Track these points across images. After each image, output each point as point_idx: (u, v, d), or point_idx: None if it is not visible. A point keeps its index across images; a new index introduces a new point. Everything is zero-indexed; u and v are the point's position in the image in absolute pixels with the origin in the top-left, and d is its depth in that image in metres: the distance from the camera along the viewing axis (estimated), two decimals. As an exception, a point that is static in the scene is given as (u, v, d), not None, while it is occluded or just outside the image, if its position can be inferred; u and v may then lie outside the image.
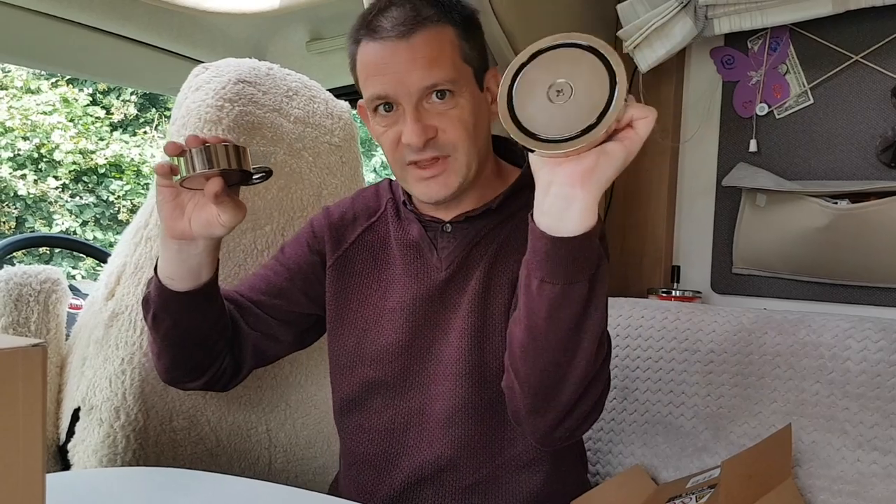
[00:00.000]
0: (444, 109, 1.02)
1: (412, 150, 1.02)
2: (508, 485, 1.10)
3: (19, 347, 0.55)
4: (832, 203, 1.53)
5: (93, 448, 1.27)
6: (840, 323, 1.38)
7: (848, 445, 1.29)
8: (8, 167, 10.20)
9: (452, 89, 1.02)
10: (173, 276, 1.06)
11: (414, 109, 1.01)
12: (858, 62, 1.57)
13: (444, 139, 1.02)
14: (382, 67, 1.01)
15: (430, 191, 1.05)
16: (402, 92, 1.00)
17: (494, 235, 1.12)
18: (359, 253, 1.19)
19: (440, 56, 1.01)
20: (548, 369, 0.87)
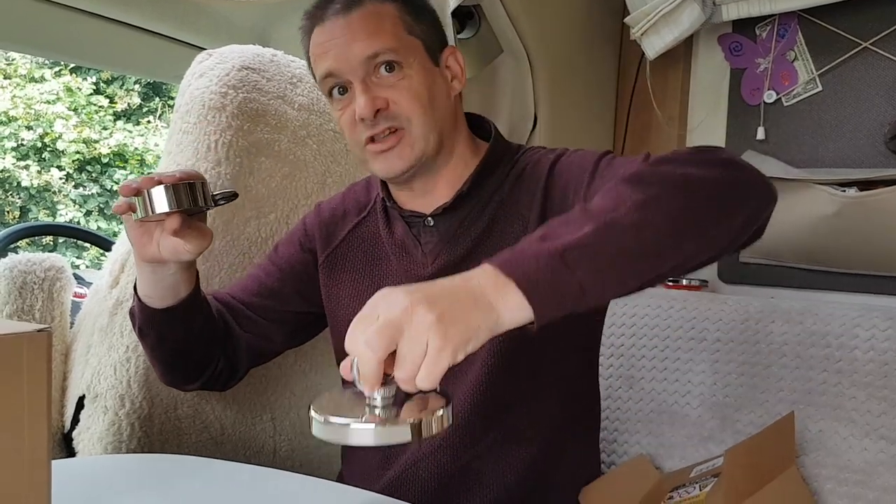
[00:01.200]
0: (394, 81, 1.02)
1: (366, 125, 1.02)
2: (506, 456, 1.09)
3: (24, 332, 0.55)
4: (840, 191, 1.52)
5: (98, 436, 1.27)
6: (848, 312, 1.37)
7: (855, 434, 1.29)
8: (12, 157, 10.21)
9: (398, 60, 1.02)
10: (151, 295, 1.07)
11: (361, 82, 1.01)
12: (867, 49, 1.55)
13: (395, 110, 1.02)
14: (326, 45, 1.03)
15: (387, 164, 1.05)
16: (346, 67, 1.02)
17: (474, 222, 1.10)
18: (350, 249, 1.19)
19: (379, 28, 1.02)
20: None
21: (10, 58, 10.17)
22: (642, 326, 1.53)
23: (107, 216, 10.82)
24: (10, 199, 10.58)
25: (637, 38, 1.66)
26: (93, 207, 10.73)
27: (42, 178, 10.44)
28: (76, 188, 10.73)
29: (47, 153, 10.45)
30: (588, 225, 0.74)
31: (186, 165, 1.30)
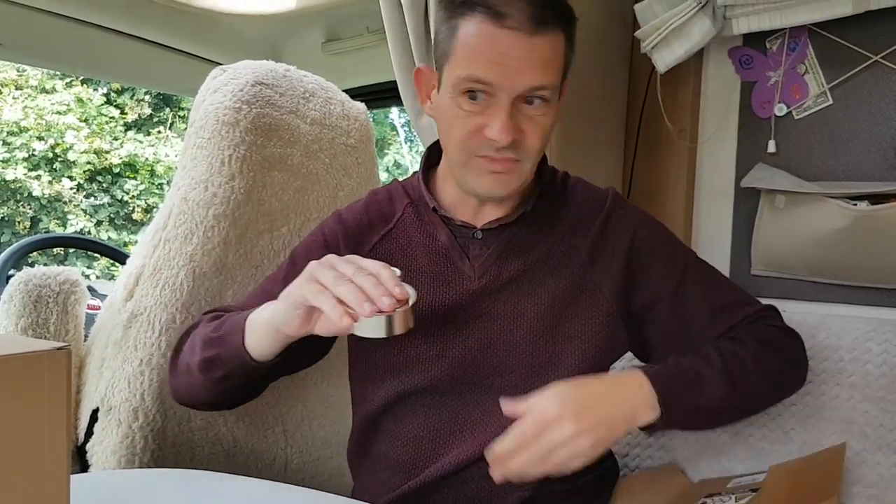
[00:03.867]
0: (534, 115, 0.99)
1: (492, 147, 0.99)
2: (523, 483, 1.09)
3: (44, 351, 0.55)
4: (852, 204, 1.52)
5: (111, 449, 1.27)
6: (860, 325, 1.37)
7: (868, 448, 1.28)
8: (23, 167, 10.28)
9: (549, 98, 0.99)
10: (266, 355, 1.01)
11: (511, 105, 0.97)
12: (878, 63, 1.55)
13: (524, 144, 1.00)
14: (497, 55, 0.95)
15: (495, 185, 1.03)
16: (506, 85, 0.96)
17: (529, 244, 1.11)
18: (377, 259, 1.17)
19: (554, 62, 0.98)
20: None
21: (22, 69, 10.26)
22: (654, 340, 1.53)
23: (117, 226, 10.87)
24: (22, 209, 10.64)
25: (648, 51, 1.66)
26: (103, 217, 10.78)
27: (53, 189, 10.51)
28: (87, 198, 10.80)
29: (58, 163, 10.53)
30: (724, 384, 1.05)
31: (200, 180, 1.31)
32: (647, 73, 1.80)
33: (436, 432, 1.11)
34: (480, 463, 1.08)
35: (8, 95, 10.24)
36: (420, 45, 1.58)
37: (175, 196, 1.34)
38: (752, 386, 1.08)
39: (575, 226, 1.13)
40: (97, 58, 2.39)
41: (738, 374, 1.05)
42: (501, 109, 0.97)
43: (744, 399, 1.08)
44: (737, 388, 1.04)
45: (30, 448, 0.55)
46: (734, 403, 1.07)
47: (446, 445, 1.10)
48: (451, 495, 1.10)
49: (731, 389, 1.04)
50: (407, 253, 1.14)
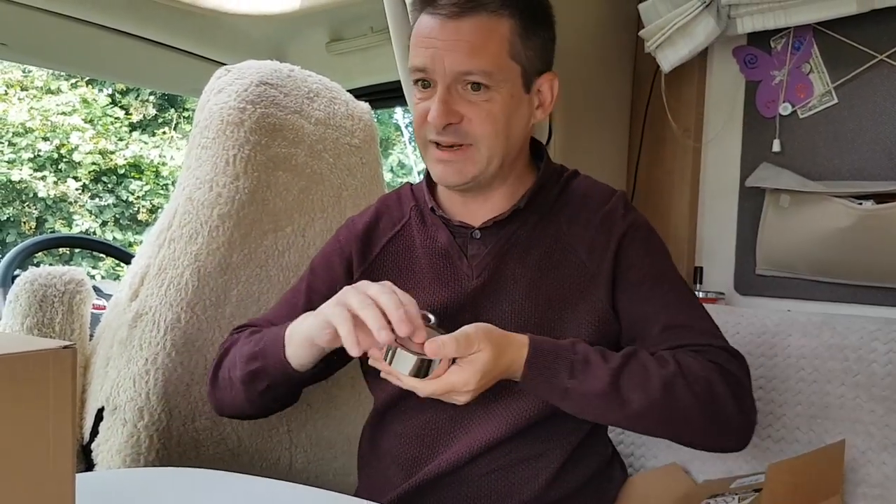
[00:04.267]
0: (476, 100, 1.02)
1: (433, 130, 1.03)
2: (525, 471, 1.09)
3: (50, 349, 0.56)
4: (857, 203, 1.51)
5: (116, 448, 1.28)
6: (865, 325, 1.36)
7: (873, 448, 1.28)
8: (28, 168, 10.30)
9: (488, 84, 1.01)
10: (305, 365, 1.04)
11: (445, 90, 1.01)
12: (883, 62, 1.55)
13: (467, 128, 1.02)
14: (426, 41, 1.01)
15: (444, 174, 1.06)
16: (437, 69, 1.00)
17: (527, 242, 1.11)
18: (384, 263, 1.18)
19: (484, 47, 1.00)
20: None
21: (27, 70, 10.28)
22: (658, 339, 1.52)
23: (122, 227, 10.89)
24: (27, 209, 10.66)
25: (652, 51, 1.66)
26: (108, 218, 10.79)
27: (58, 189, 10.52)
28: (92, 199, 10.81)
29: (63, 164, 10.54)
30: (607, 382, 0.97)
31: (205, 180, 1.31)
32: (651, 73, 1.80)
33: (437, 430, 1.11)
34: (482, 460, 1.08)
35: (13, 96, 10.27)
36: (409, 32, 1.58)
37: (180, 196, 1.34)
38: (640, 402, 0.97)
39: (574, 223, 1.12)
40: (102, 58, 2.40)
41: (631, 381, 0.98)
42: (437, 95, 1.01)
43: (624, 408, 0.97)
44: (619, 393, 0.97)
45: (35, 446, 0.55)
46: (612, 406, 0.97)
47: (447, 442, 1.11)
48: (452, 493, 1.10)
49: (613, 391, 0.97)
50: (410, 254, 1.16)
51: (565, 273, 1.09)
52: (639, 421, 1.00)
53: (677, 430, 1.03)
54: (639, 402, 0.97)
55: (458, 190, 1.10)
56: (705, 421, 1.01)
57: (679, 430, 1.03)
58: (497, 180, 1.10)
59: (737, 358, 1.07)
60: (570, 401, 0.97)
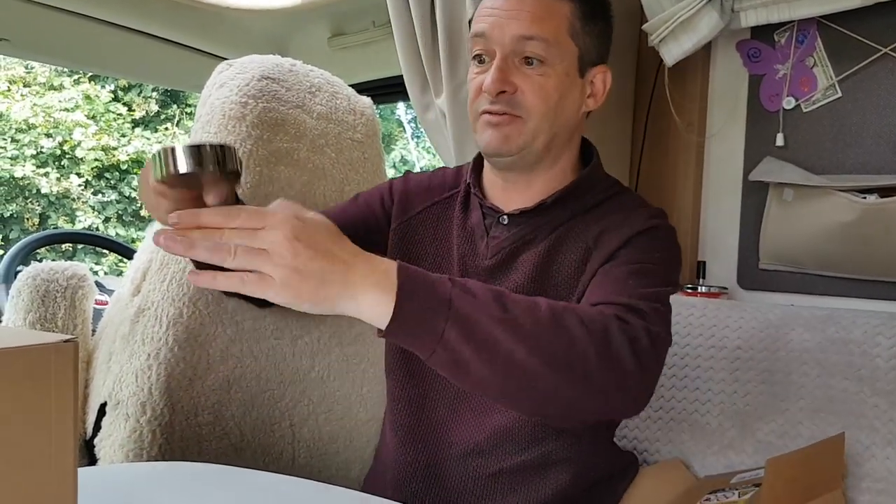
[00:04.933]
0: (532, 74, 1.04)
1: (486, 99, 1.05)
2: (534, 479, 1.09)
3: (51, 343, 0.56)
4: (861, 197, 1.51)
5: (119, 443, 1.28)
6: (869, 319, 1.36)
7: (877, 443, 1.28)
8: (31, 164, 10.31)
9: (543, 58, 1.03)
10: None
11: (502, 58, 1.03)
12: (887, 55, 1.54)
13: (520, 98, 1.04)
14: (488, 10, 1.05)
15: (492, 140, 1.06)
16: (496, 36, 1.03)
17: (547, 234, 1.11)
18: (421, 224, 1.21)
19: (545, 18, 1.03)
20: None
21: (30, 66, 10.29)
22: (661, 334, 1.52)
23: (125, 223, 10.90)
24: (30, 205, 10.68)
25: (655, 44, 1.66)
26: (111, 214, 10.81)
27: (61, 186, 10.54)
28: (95, 195, 10.83)
29: (66, 160, 10.55)
30: (496, 308, 0.81)
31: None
32: (654, 67, 1.80)
33: (441, 406, 1.13)
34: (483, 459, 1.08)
35: (16, 93, 10.28)
36: (426, 39, 1.58)
37: (182, 191, 1.34)
38: (530, 336, 0.81)
39: (600, 240, 1.07)
40: (104, 54, 2.40)
41: (518, 307, 0.83)
42: (494, 63, 1.04)
43: (512, 344, 0.80)
44: (501, 325, 0.80)
45: (38, 440, 0.55)
46: (491, 340, 0.80)
47: (450, 422, 1.11)
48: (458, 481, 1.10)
49: (494, 323, 0.80)
50: (446, 224, 1.19)
51: (571, 257, 1.09)
52: (526, 365, 0.80)
53: (570, 380, 0.83)
54: (529, 336, 0.81)
55: (503, 167, 1.11)
56: (602, 368, 0.84)
57: (572, 380, 0.83)
58: (541, 164, 1.11)
59: (644, 318, 0.91)
60: (443, 346, 0.79)
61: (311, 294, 0.75)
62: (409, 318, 0.77)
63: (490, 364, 0.80)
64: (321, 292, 0.76)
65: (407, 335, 0.79)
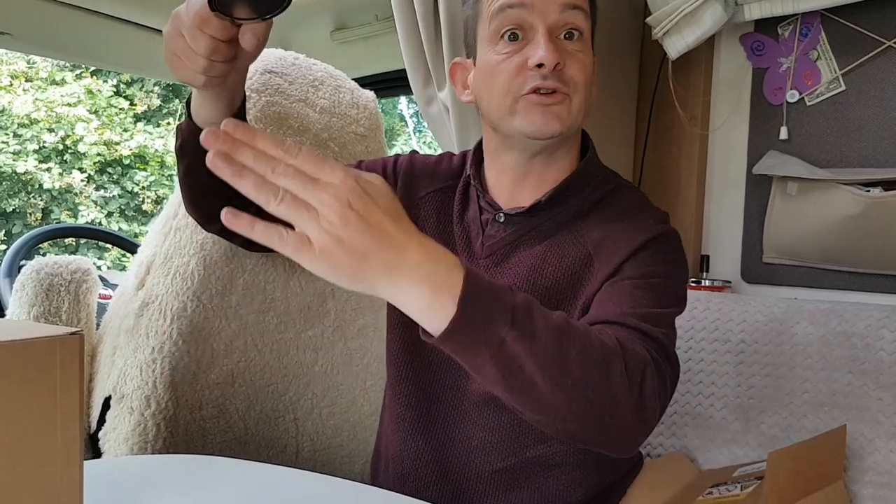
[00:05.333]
0: (573, 49, 0.99)
1: (537, 76, 0.97)
2: (535, 480, 1.09)
3: (57, 336, 0.56)
4: (864, 191, 1.51)
5: (123, 436, 1.28)
6: (873, 312, 1.36)
7: (881, 436, 1.28)
8: (34, 159, 10.31)
9: (584, 30, 1.00)
10: (204, 116, 0.97)
11: (548, 30, 0.97)
12: (891, 48, 1.54)
13: (569, 74, 0.98)
14: None
15: (545, 120, 0.98)
16: (541, 9, 0.97)
17: (545, 235, 1.06)
18: (423, 210, 1.15)
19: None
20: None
21: (32, 61, 10.28)
22: (665, 327, 1.52)
23: (128, 217, 10.91)
24: (33, 200, 10.68)
25: (659, 38, 1.65)
26: (114, 209, 10.81)
27: (64, 180, 10.54)
28: (97, 190, 10.83)
29: (69, 155, 10.55)
30: (551, 335, 0.77)
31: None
32: (658, 60, 1.80)
33: (441, 401, 1.11)
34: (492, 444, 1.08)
35: (18, 87, 10.27)
36: (429, 32, 1.57)
37: (185, 185, 1.34)
38: (579, 374, 0.78)
39: (603, 248, 1.02)
40: (106, 48, 2.39)
41: (573, 345, 0.78)
42: (540, 36, 0.97)
43: (562, 379, 0.77)
44: (562, 357, 0.77)
45: (43, 431, 0.55)
46: (549, 374, 0.76)
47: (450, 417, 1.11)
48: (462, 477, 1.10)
49: (557, 354, 0.77)
50: (445, 214, 1.14)
51: (568, 263, 1.04)
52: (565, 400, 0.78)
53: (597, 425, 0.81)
54: (578, 374, 0.77)
55: (540, 149, 1.04)
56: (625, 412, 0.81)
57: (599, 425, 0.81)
58: (561, 150, 1.06)
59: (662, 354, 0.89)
60: (500, 358, 0.75)
61: (349, 270, 0.68)
62: (473, 327, 0.72)
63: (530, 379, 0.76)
64: (361, 271, 0.69)
65: (464, 345, 0.74)
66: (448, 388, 1.11)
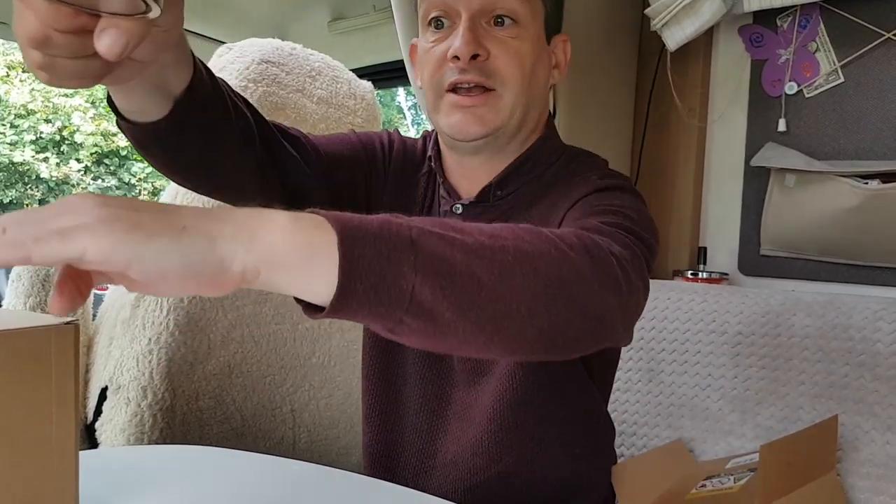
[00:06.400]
0: (503, 36, 0.90)
1: (455, 69, 0.89)
2: (516, 490, 1.07)
3: (52, 325, 0.55)
4: (862, 183, 1.51)
5: (120, 427, 1.28)
6: (870, 304, 1.36)
7: (877, 428, 1.28)
8: (31, 150, 10.30)
9: (516, 17, 0.90)
10: (133, 109, 0.76)
11: (469, 19, 0.89)
12: (890, 40, 1.53)
13: (494, 65, 0.90)
14: None
15: (463, 123, 0.91)
16: None
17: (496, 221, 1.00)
18: (388, 196, 1.07)
19: None
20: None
21: (29, 51, 10.25)
22: (662, 319, 1.52)
23: (125, 209, 10.90)
24: (30, 191, 10.67)
25: (657, 29, 1.65)
26: (111, 200, 10.80)
27: (61, 171, 10.53)
28: (94, 180, 10.81)
29: (66, 146, 10.55)
30: (457, 233, 0.60)
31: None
32: (656, 52, 1.79)
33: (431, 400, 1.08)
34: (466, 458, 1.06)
35: (15, 78, 10.25)
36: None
37: (182, 175, 1.34)
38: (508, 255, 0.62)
39: (548, 214, 0.94)
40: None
41: (483, 231, 0.62)
42: (460, 25, 0.89)
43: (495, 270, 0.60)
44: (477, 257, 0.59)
45: (38, 422, 0.55)
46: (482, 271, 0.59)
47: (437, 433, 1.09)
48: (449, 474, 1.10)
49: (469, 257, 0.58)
50: (413, 202, 1.06)
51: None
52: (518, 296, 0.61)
53: (567, 302, 0.65)
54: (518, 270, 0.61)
55: (469, 151, 0.96)
56: (596, 285, 0.67)
57: (569, 302, 0.65)
58: (510, 146, 0.97)
59: (616, 238, 0.76)
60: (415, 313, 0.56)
61: (152, 224, 0.48)
62: (365, 274, 0.52)
63: (473, 311, 0.58)
64: (170, 221, 0.48)
65: (363, 302, 0.53)
66: (423, 403, 1.07)
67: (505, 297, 0.60)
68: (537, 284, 0.62)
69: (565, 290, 0.64)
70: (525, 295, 0.61)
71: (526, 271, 0.61)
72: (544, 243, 0.64)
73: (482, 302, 0.58)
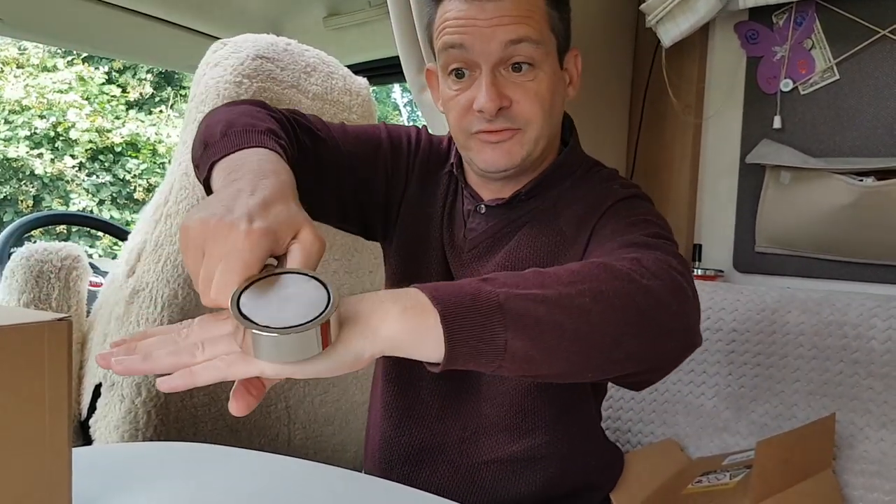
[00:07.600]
0: (522, 81, 0.96)
1: (482, 119, 0.96)
2: (523, 470, 1.08)
3: (45, 321, 0.55)
4: (858, 180, 1.51)
5: (114, 424, 1.28)
6: (865, 302, 1.36)
7: (871, 425, 1.28)
8: (25, 146, 10.27)
9: (532, 61, 0.95)
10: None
11: (491, 71, 0.95)
12: (885, 37, 1.53)
13: (517, 111, 0.97)
14: (463, 22, 0.94)
15: (495, 157, 0.99)
16: (481, 48, 0.94)
17: (520, 229, 1.06)
18: (422, 196, 1.14)
19: (530, 16, 0.94)
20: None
21: (23, 47, 10.22)
22: (657, 316, 1.52)
23: (119, 206, 10.87)
24: (24, 187, 10.64)
25: (652, 25, 1.65)
26: (105, 196, 10.78)
27: (55, 167, 10.50)
28: (89, 177, 10.78)
29: (60, 142, 10.51)
30: (538, 288, 0.70)
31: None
32: (651, 48, 1.79)
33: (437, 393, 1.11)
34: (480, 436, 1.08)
35: (9, 74, 10.21)
36: (422, 19, 1.56)
37: (176, 171, 1.33)
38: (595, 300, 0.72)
39: (578, 224, 1.02)
40: (98, 33, 2.37)
41: (561, 277, 0.74)
42: (482, 78, 0.95)
43: (582, 318, 0.71)
44: (568, 299, 0.71)
45: (31, 417, 0.55)
46: (566, 322, 0.70)
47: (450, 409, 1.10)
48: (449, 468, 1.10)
49: (560, 300, 0.71)
50: (435, 199, 1.13)
51: (542, 242, 1.04)
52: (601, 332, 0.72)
53: (646, 326, 0.76)
54: (593, 301, 0.72)
55: (499, 179, 1.04)
56: (669, 303, 0.78)
57: (648, 326, 0.77)
58: (534, 165, 1.05)
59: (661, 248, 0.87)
60: (510, 359, 0.68)
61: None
62: (465, 340, 0.65)
63: (561, 351, 0.70)
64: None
65: (468, 359, 0.67)
66: (439, 380, 1.10)
67: (587, 336, 0.71)
68: (616, 318, 0.73)
69: (644, 316, 0.75)
70: (606, 329, 0.72)
71: (603, 308, 0.72)
72: (617, 280, 0.75)
73: (567, 344, 0.70)
